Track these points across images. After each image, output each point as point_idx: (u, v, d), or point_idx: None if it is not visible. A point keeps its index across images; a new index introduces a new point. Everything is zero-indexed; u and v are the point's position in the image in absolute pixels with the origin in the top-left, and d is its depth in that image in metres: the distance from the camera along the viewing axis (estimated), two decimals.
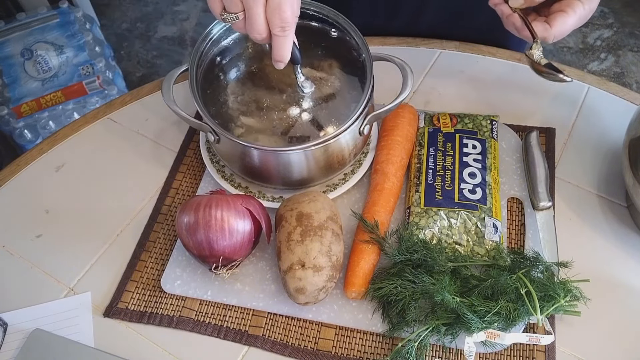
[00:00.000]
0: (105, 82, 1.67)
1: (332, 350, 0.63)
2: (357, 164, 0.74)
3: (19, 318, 0.66)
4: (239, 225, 0.62)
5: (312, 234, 0.61)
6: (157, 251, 0.71)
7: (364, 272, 0.64)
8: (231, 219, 0.61)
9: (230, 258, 0.63)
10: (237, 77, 0.71)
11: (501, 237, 0.67)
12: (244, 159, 0.68)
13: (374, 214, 0.67)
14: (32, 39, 1.69)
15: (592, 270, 0.65)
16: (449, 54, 0.89)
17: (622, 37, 2.14)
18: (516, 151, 0.76)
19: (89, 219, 0.74)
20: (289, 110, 0.67)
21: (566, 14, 0.68)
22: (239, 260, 0.64)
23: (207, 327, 0.65)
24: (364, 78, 0.69)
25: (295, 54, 0.64)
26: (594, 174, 0.75)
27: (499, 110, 0.80)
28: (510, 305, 0.59)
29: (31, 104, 1.60)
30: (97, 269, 0.70)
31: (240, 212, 0.62)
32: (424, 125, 0.76)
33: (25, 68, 1.65)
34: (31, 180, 0.79)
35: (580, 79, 0.85)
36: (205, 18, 2.24)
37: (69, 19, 1.74)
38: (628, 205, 0.72)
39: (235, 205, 0.62)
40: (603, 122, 0.80)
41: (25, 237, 0.73)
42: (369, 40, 0.85)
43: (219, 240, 0.61)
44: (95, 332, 0.65)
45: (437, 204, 0.68)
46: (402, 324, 0.61)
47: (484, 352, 0.61)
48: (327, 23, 0.74)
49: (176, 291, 0.67)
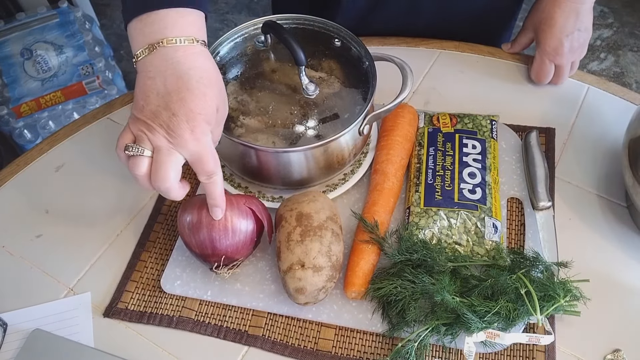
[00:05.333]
0: (105, 82, 1.66)
1: (332, 351, 0.63)
2: (357, 164, 0.74)
3: (19, 318, 0.66)
4: (242, 224, 0.62)
5: (311, 234, 0.61)
6: (157, 251, 0.71)
7: (364, 272, 0.64)
8: (234, 219, 0.61)
9: (232, 257, 0.63)
10: (238, 77, 0.71)
11: (501, 237, 0.67)
12: (244, 159, 0.68)
13: (373, 214, 0.67)
14: (32, 38, 1.69)
15: (592, 270, 0.66)
16: (449, 54, 0.89)
17: (622, 37, 2.14)
18: (516, 151, 0.76)
19: (89, 219, 0.74)
20: (289, 110, 0.67)
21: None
22: (240, 259, 0.64)
23: (207, 327, 0.65)
24: (367, 83, 0.69)
25: (300, 56, 0.64)
26: (594, 174, 0.75)
27: (499, 110, 0.80)
28: (510, 305, 0.59)
29: (31, 104, 1.60)
30: (97, 269, 0.70)
31: (243, 212, 0.62)
32: (424, 125, 0.76)
33: (25, 68, 1.65)
34: (31, 180, 0.79)
35: (580, 79, 0.85)
36: None
37: (68, 18, 1.74)
38: (628, 205, 0.72)
39: (239, 204, 0.62)
40: (603, 122, 0.80)
41: (25, 237, 0.73)
42: (368, 40, 0.86)
43: (222, 240, 0.61)
44: (95, 332, 0.65)
45: (437, 204, 0.68)
46: (402, 324, 0.61)
47: (484, 352, 0.61)
48: (330, 35, 0.74)
49: (176, 291, 0.67)
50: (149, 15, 0.53)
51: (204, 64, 0.54)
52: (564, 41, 0.78)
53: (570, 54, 0.80)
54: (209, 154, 0.55)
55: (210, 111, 0.54)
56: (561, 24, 0.78)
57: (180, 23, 0.54)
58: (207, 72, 0.54)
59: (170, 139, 0.53)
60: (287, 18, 0.75)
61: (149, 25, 0.53)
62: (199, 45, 0.54)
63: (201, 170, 0.56)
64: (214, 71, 0.55)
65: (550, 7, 0.79)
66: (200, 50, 0.54)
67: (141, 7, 0.54)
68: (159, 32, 0.53)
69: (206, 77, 0.53)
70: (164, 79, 0.52)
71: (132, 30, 0.54)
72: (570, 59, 0.81)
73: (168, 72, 0.52)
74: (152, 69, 0.53)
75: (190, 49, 0.53)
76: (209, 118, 0.54)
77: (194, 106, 0.52)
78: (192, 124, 0.52)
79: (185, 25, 0.54)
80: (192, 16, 0.55)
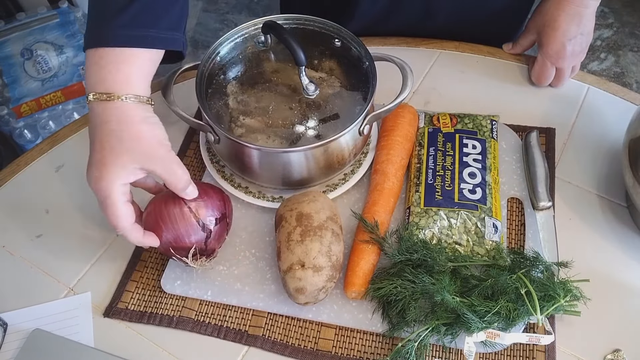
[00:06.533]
0: None
1: (332, 350, 0.63)
2: (357, 164, 0.74)
3: (19, 318, 0.66)
4: (206, 218, 0.62)
5: (312, 234, 0.61)
6: (157, 251, 0.71)
7: (364, 272, 0.64)
8: (201, 211, 0.62)
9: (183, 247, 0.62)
10: (238, 77, 0.71)
11: (501, 237, 0.67)
12: (244, 159, 0.68)
13: (374, 214, 0.67)
14: (32, 39, 1.68)
15: (592, 270, 0.66)
16: (449, 54, 0.89)
17: (622, 37, 2.14)
18: (516, 151, 0.76)
19: (89, 219, 0.74)
20: (289, 111, 0.67)
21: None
22: (211, 245, 0.64)
23: (207, 327, 0.65)
24: (367, 83, 0.69)
25: (300, 56, 0.64)
26: (594, 174, 0.75)
27: (499, 110, 0.80)
28: (510, 305, 0.59)
29: (31, 104, 1.60)
30: (97, 269, 0.70)
31: (206, 204, 0.63)
32: (424, 125, 0.76)
33: (25, 68, 1.65)
34: (31, 180, 0.79)
35: (580, 79, 0.85)
36: (205, 18, 2.24)
37: (68, 18, 1.74)
38: (628, 205, 0.72)
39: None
40: (603, 122, 0.80)
41: (25, 237, 0.73)
42: (369, 40, 0.86)
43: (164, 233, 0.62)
44: (95, 332, 0.65)
45: (437, 204, 0.68)
46: (402, 324, 0.61)
47: (484, 352, 0.61)
48: (330, 35, 0.74)
49: (176, 291, 0.67)
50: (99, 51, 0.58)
51: (121, 118, 0.57)
52: (567, 45, 0.78)
53: (572, 58, 0.80)
54: (111, 205, 0.57)
55: (121, 163, 0.57)
56: (564, 28, 0.78)
57: (117, 70, 0.58)
58: (120, 126, 0.57)
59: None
60: (287, 18, 0.75)
61: (90, 69, 0.58)
62: (122, 101, 0.57)
63: (108, 220, 0.59)
64: (135, 126, 0.57)
65: (554, 10, 0.79)
66: (124, 105, 0.57)
67: (95, 41, 0.58)
68: (93, 85, 0.58)
69: (117, 132, 0.57)
70: (92, 127, 0.59)
71: (88, 65, 0.59)
72: (572, 63, 0.81)
73: (93, 121, 0.58)
74: (91, 112, 0.59)
75: (111, 104, 0.57)
76: (119, 170, 0.57)
77: (100, 157, 0.57)
78: (97, 174, 0.57)
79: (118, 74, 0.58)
80: (140, 56, 0.59)
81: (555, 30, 0.79)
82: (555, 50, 0.79)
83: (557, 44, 0.79)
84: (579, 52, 0.80)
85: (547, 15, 0.80)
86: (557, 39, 0.79)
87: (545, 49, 0.80)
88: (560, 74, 0.81)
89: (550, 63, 0.80)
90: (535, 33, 0.83)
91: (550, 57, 0.80)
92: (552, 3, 0.79)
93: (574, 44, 0.79)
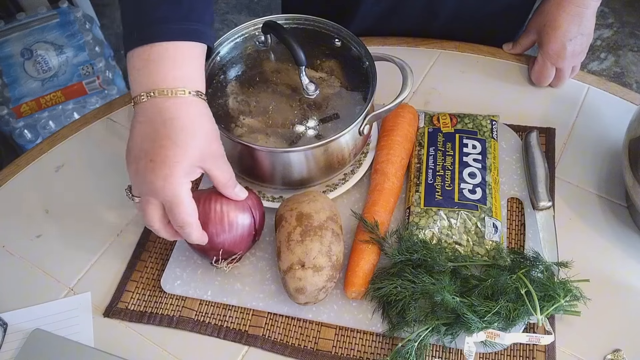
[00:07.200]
0: (105, 82, 1.67)
1: (332, 350, 0.63)
2: (357, 164, 0.74)
3: (19, 318, 0.66)
4: (239, 218, 0.62)
5: (312, 234, 0.61)
6: (157, 251, 0.71)
7: (364, 272, 0.64)
8: (231, 212, 0.62)
9: (231, 251, 0.63)
10: (238, 77, 0.71)
11: (501, 237, 0.67)
12: (244, 159, 0.68)
13: (374, 214, 0.67)
14: (32, 38, 1.69)
15: (592, 270, 0.66)
16: (449, 54, 0.89)
17: (622, 37, 2.14)
18: (516, 151, 0.76)
19: (89, 219, 0.74)
20: (289, 111, 0.67)
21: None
22: (240, 253, 0.64)
23: (207, 327, 0.65)
24: (367, 83, 0.69)
25: (300, 56, 0.64)
26: (594, 174, 0.75)
27: (499, 110, 0.80)
28: (510, 305, 0.59)
29: (31, 104, 1.60)
30: (97, 269, 0.70)
31: (240, 206, 0.62)
32: (424, 125, 0.76)
33: (25, 68, 1.65)
34: (31, 180, 0.79)
35: (580, 79, 0.85)
36: None
37: (68, 18, 1.74)
38: (628, 205, 0.72)
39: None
40: (603, 122, 0.80)
41: (25, 237, 0.73)
42: (369, 40, 0.86)
43: (219, 233, 0.61)
44: (95, 332, 0.65)
45: (437, 204, 0.68)
46: (402, 324, 0.61)
47: (484, 352, 0.61)
48: (330, 35, 0.74)
49: (176, 291, 0.67)
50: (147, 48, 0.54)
51: (189, 113, 0.55)
52: (567, 45, 0.78)
53: (572, 58, 0.80)
54: (181, 203, 0.55)
55: (190, 161, 0.55)
56: (565, 28, 0.78)
57: (177, 66, 0.55)
58: (191, 122, 0.55)
59: (145, 184, 0.55)
60: (287, 18, 0.75)
61: (145, 68, 0.55)
62: (189, 96, 0.55)
63: (172, 219, 0.57)
64: (201, 120, 0.56)
65: (555, 10, 0.79)
66: (190, 100, 0.55)
67: (140, 39, 0.55)
68: (152, 83, 0.54)
69: (189, 127, 0.54)
70: (151, 126, 0.54)
71: (131, 68, 0.56)
72: (572, 63, 0.81)
73: (155, 120, 0.54)
74: (142, 115, 0.55)
75: (180, 100, 0.55)
76: (188, 167, 0.55)
77: (172, 155, 0.53)
78: (167, 171, 0.54)
79: (180, 70, 0.55)
80: (193, 51, 0.56)
81: (556, 30, 0.79)
82: (555, 51, 0.79)
83: (557, 44, 0.79)
84: (579, 52, 0.80)
85: (548, 15, 0.80)
86: (558, 39, 0.79)
87: (545, 49, 0.80)
88: (560, 74, 0.81)
89: (551, 63, 0.80)
90: (536, 33, 0.83)
91: (551, 57, 0.80)
92: (552, 3, 0.79)
93: (574, 44, 0.79)
